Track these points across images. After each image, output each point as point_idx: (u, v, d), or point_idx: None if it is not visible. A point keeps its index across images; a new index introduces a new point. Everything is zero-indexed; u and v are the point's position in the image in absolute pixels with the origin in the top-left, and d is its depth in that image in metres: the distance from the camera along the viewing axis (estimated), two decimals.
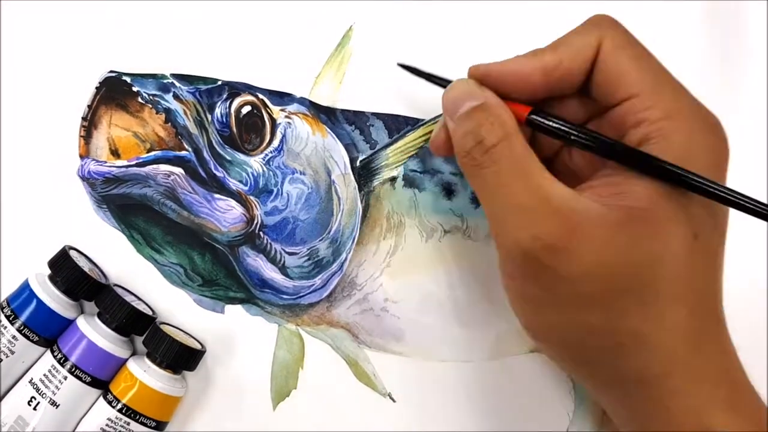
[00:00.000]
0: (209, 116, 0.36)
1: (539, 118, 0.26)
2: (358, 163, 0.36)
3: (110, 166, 0.36)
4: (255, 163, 0.36)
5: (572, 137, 0.25)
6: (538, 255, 0.23)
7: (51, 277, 0.34)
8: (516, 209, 0.24)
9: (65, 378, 0.32)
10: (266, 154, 0.36)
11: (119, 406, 0.32)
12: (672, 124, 0.24)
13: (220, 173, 0.36)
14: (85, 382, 0.33)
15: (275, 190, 0.36)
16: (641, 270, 0.23)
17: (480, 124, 0.25)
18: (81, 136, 0.36)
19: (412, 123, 0.36)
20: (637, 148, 0.24)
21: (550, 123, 0.26)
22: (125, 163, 0.36)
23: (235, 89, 0.36)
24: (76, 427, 0.33)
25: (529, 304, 0.26)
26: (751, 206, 0.23)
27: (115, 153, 0.36)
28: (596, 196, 0.24)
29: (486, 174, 0.25)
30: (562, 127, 0.26)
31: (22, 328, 0.33)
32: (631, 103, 0.24)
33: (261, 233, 0.36)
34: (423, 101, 0.36)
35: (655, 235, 0.23)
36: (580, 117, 0.28)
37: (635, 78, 0.25)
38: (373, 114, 0.36)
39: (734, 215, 0.36)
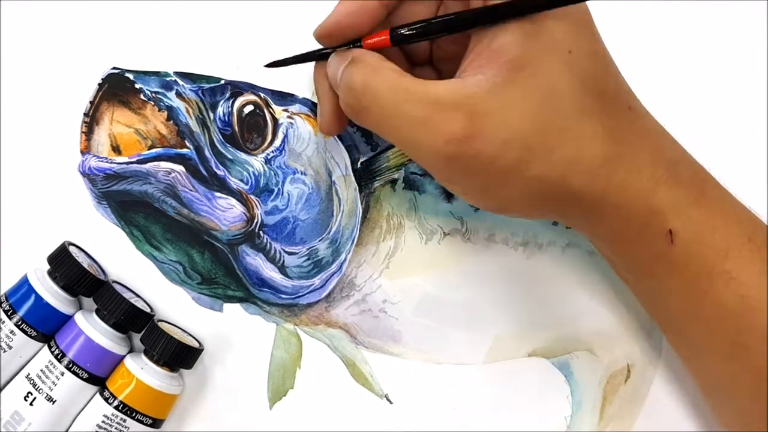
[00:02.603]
0: (211, 114, 0.36)
1: (400, 31, 0.27)
2: (359, 165, 0.36)
3: (111, 163, 0.36)
4: (256, 162, 0.36)
5: (432, 29, 0.27)
6: (457, 152, 0.25)
7: (50, 273, 0.34)
8: (417, 125, 0.25)
9: (62, 374, 0.32)
10: (268, 154, 0.36)
11: (116, 403, 0.32)
12: None
13: (221, 172, 0.36)
14: (81, 378, 0.32)
15: (276, 189, 0.36)
16: (544, 106, 0.25)
17: (350, 75, 0.27)
18: (82, 132, 0.36)
19: None
20: (483, 5, 0.26)
21: (410, 31, 0.27)
22: (126, 159, 0.36)
23: (237, 88, 0.36)
24: (71, 424, 0.33)
25: (480, 193, 0.28)
26: None
27: (116, 149, 0.36)
28: (477, 71, 0.25)
29: (376, 113, 0.26)
30: (420, 26, 0.27)
31: (20, 322, 0.33)
32: None
33: (261, 232, 0.36)
34: None
35: (538, 72, 0.25)
36: (431, 14, 0.29)
37: None
38: None
39: None
